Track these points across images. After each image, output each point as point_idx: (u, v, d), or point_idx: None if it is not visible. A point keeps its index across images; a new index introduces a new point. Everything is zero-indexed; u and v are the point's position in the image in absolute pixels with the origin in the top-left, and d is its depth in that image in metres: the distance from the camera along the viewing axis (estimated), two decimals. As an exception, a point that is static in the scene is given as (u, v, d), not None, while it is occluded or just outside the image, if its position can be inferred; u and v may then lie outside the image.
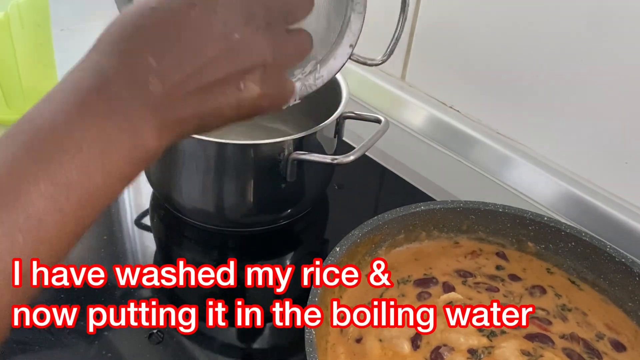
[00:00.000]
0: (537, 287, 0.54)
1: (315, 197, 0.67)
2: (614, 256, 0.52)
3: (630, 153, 0.61)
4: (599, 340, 0.50)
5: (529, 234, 0.57)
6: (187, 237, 0.65)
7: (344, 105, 0.61)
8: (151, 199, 0.69)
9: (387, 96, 0.82)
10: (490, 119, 0.73)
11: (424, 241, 0.58)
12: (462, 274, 0.55)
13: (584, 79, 0.62)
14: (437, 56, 0.77)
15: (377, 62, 0.56)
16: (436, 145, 0.78)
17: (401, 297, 0.52)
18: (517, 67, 0.68)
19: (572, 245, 0.55)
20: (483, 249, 0.58)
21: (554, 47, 0.64)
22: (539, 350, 0.47)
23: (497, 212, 0.57)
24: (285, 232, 0.66)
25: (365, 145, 0.57)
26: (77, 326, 0.52)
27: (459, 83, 0.76)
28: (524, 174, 0.69)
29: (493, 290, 0.53)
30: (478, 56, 0.72)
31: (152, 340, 0.52)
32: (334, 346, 0.48)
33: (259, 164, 0.58)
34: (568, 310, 0.52)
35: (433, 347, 0.47)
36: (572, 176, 0.67)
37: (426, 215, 0.57)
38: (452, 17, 0.73)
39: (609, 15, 0.58)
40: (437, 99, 0.79)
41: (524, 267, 0.56)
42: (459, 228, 0.58)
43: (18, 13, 0.68)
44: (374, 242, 0.55)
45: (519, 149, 0.71)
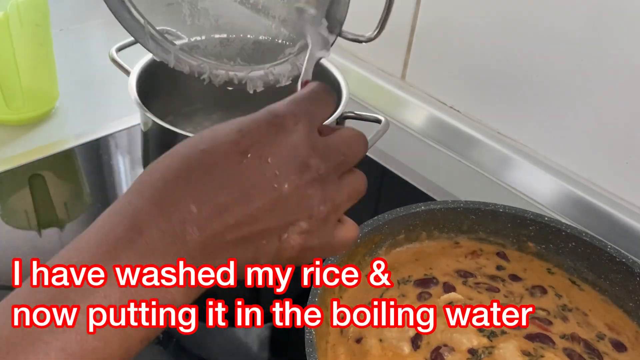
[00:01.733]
0: (537, 287, 0.54)
1: (315, 197, 0.67)
2: (615, 256, 0.52)
3: (630, 153, 0.61)
4: (600, 340, 0.50)
5: (530, 234, 0.57)
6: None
7: (344, 105, 0.61)
8: (151, 199, 0.69)
9: (387, 96, 0.82)
10: (491, 119, 0.73)
11: (424, 241, 0.58)
12: (463, 274, 0.55)
13: (584, 79, 0.62)
14: (437, 56, 0.77)
15: (367, 38, 0.54)
16: (436, 145, 0.78)
17: (401, 297, 0.52)
18: (517, 67, 0.68)
19: (572, 245, 0.55)
20: (483, 249, 0.58)
21: (554, 47, 0.63)
22: (539, 350, 0.47)
23: (498, 212, 0.57)
24: (285, 232, 0.66)
25: (365, 145, 0.57)
26: (77, 326, 0.52)
27: (459, 83, 0.75)
28: (524, 174, 0.69)
29: (493, 291, 0.53)
30: (478, 56, 0.71)
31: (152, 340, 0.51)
32: (334, 346, 0.48)
33: (259, 164, 0.58)
34: (569, 311, 0.52)
35: (433, 347, 0.47)
36: (572, 176, 0.66)
37: (426, 215, 0.57)
38: (452, 16, 0.73)
39: (610, 15, 0.58)
40: (437, 98, 0.79)
41: (524, 267, 0.56)
42: (459, 228, 0.58)
43: (18, 13, 0.68)
44: (374, 242, 0.55)
45: (519, 149, 0.71)
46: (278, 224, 0.30)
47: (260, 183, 0.29)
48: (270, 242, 0.30)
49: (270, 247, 0.30)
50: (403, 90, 0.81)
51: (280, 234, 0.30)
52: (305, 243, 0.31)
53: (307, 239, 0.31)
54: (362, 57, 0.85)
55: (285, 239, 0.31)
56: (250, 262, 0.31)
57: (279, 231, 0.30)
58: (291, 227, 0.31)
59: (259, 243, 0.30)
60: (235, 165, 0.29)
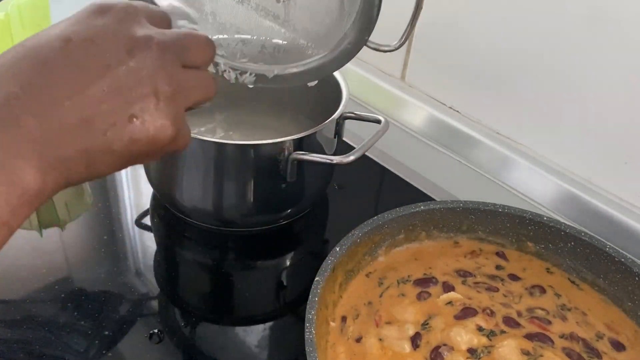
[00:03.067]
0: (536, 286, 0.54)
1: (315, 197, 0.67)
2: (614, 256, 0.52)
3: (630, 153, 0.61)
4: (599, 339, 0.50)
5: (529, 234, 0.57)
6: (187, 237, 0.65)
7: (344, 106, 0.61)
8: (151, 199, 0.69)
9: (387, 96, 0.82)
10: (490, 119, 0.73)
11: (423, 241, 0.59)
12: (462, 273, 0.55)
13: (584, 79, 0.62)
14: (437, 56, 0.77)
15: (391, 47, 0.54)
16: (436, 145, 0.78)
17: (401, 296, 0.52)
18: (517, 67, 0.68)
19: (571, 245, 0.55)
20: (483, 249, 0.58)
21: (554, 47, 0.64)
22: (538, 349, 0.47)
23: (497, 212, 0.57)
24: (285, 232, 0.66)
25: (365, 145, 0.57)
26: (77, 326, 0.52)
27: (459, 83, 0.76)
28: (524, 174, 0.70)
29: (493, 290, 0.53)
30: (478, 56, 0.72)
31: (152, 340, 0.52)
32: (334, 346, 0.48)
33: (259, 164, 0.58)
34: (568, 310, 0.52)
35: (433, 346, 0.47)
36: (572, 176, 0.67)
37: (426, 215, 0.57)
38: (452, 17, 0.73)
39: (609, 15, 0.58)
40: (437, 99, 0.79)
41: (523, 267, 0.57)
42: (458, 228, 0.59)
43: (19, 13, 0.68)
44: (374, 242, 0.55)
45: (519, 149, 0.71)
46: (121, 101, 0.30)
47: (90, 64, 0.30)
48: (120, 124, 0.30)
49: (120, 130, 0.30)
50: (403, 90, 0.81)
51: (126, 114, 0.30)
52: (158, 123, 0.31)
53: (158, 119, 0.31)
54: (362, 57, 0.86)
55: (135, 121, 0.31)
56: (104, 150, 0.30)
57: (124, 111, 0.30)
58: (138, 106, 0.31)
59: (106, 125, 0.30)
60: (59, 52, 0.30)
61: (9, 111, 0.28)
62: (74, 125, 0.29)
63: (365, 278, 0.54)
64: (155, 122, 0.31)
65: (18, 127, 0.28)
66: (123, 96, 0.30)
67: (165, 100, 0.32)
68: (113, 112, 0.30)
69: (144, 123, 0.31)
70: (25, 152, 0.28)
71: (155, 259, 0.62)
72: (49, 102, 0.29)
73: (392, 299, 0.52)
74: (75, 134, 0.29)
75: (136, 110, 0.31)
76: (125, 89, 0.30)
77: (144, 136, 0.31)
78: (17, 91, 0.28)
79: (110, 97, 0.30)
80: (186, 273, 0.62)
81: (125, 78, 0.30)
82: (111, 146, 0.31)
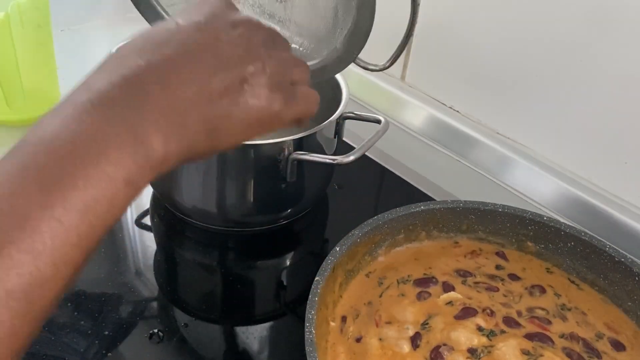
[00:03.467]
0: (536, 286, 0.54)
1: (315, 197, 0.67)
2: (614, 256, 0.52)
3: (630, 153, 0.61)
4: (599, 339, 0.50)
5: (529, 234, 0.57)
6: (187, 237, 0.65)
7: (344, 106, 0.61)
8: (151, 199, 0.69)
9: (387, 96, 0.82)
10: (490, 119, 0.74)
11: (423, 241, 0.59)
12: (462, 273, 0.55)
13: (583, 79, 0.62)
14: (437, 56, 0.77)
15: (379, 67, 0.55)
16: (436, 145, 0.78)
17: (401, 296, 0.52)
18: (516, 67, 0.68)
19: (571, 245, 0.55)
20: (483, 249, 0.58)
21: (554, 47, 0.64)
22: (538, 349, 0.47)
23: (497, 212, 0.57)
24: (285, 232, 0.66)
25: (365, 145, 0.57)
26: (77, 326, 0.52)
27: (459, 83, 0.76)
28: (524, 173, 0.70)
29: (493, 290, 0.53)
30: (478, 56, 0.72)
31: (152, 340, 0.52)
32: (334, 345, 0.48)
33: (259, 164, 0.58)
34: (568, 310, 0.52)
35: (433, 346, 0.47)
36: (571, 176, 0.67)
37: (426, 215, 0.57)
38: (452, 17, 0.73)
39: (609, 15, 0.58)
40: (437, 99, 0.79)
41: (523, 267, 0.57)
42: (458, 228, 0.59)
43: (18, 13, 0.68)
44: (374, 242, 0.55)
45: (519, 149, 0.71)
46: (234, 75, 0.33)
47: (202, 38, 0.33)
48: (236, 95, 0.33)
49: (237, 100, 0.33)
50: (403, 90, 0.81)
51: (241, 85, 0.33)
52: (271, 94, 0.34)
53: (271, 91, 0.34)
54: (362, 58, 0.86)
55: (247, 89, 0.33)
56: (224, 117, 0.33)
57: (239, 83, 0.33)
58: (251, 79, 0.34)
59: (222, 91, 0.33)
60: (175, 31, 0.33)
61: (138, 80, 0.31)
62: (192, 92, 0.32)
63: (365, 278, 0.54)
64: (270, 93, 0.34)
65: (146, 94, 0.30)
66: (234, 68, 0.33)
67: (275, 76, 0.35)
68: (225, 79, 0.33)
69: (258, 95, 0.34)
70: (152, 117, 0.30)
71: (155, 259, 0.62)
72: (170, 72, 0.31)
73: (392, 299, 0.52)
74: (193, 100, 0.32)
75: (249, 81, 0.34)
76: (237, 63, 0.33)
77: (256, 102, 0.34)
78: (143, 64, 0.31)
79: (224, 71, 0.33)
80: (186, 273, 0.62)
81: (233, 49, 0.34)
82: (227, 112, 0.33)
